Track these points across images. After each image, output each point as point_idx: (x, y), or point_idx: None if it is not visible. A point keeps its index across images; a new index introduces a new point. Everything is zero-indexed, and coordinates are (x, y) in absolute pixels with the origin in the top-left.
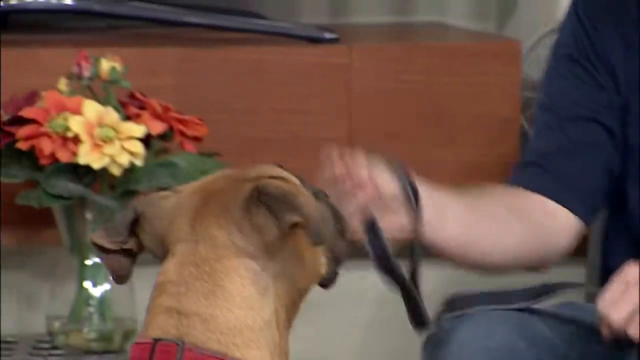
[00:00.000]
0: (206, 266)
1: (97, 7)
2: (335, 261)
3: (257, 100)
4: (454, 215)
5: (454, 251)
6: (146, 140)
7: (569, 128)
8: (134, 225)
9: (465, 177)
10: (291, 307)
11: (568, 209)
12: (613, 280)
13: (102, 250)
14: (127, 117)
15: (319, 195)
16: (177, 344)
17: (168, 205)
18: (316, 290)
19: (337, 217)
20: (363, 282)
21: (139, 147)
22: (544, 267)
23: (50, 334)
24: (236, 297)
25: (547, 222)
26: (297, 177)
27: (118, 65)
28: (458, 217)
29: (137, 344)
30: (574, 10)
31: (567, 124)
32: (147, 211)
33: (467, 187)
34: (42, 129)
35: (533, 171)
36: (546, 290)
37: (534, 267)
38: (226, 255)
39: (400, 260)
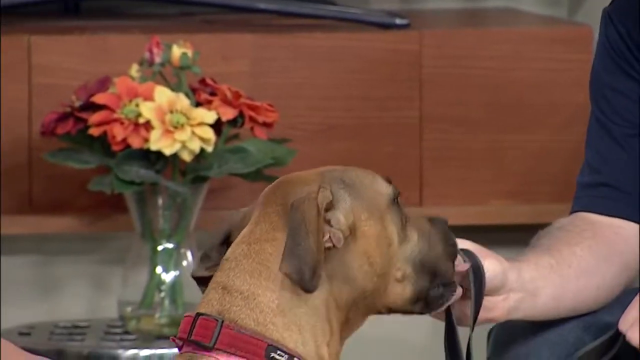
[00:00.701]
0: (257, 245)
1: None
2: (436, 282)
3: (328, 86)
4: (546, 294)
5: (544, 318)
6: (217, 126)
7: (634, 145)
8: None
9: (535, 162)
10: (351, 306)
11: None
12: (635, 299)
13: (200, 282)
14: (198, 103)
15: (436, 222)
16: (217, 320)
17: (250, 207)
18: None
19: (447, 241)
20: None
21: (209, 133)
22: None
23: (122, 318)
24: (280, 278)
25: (629, 248)
26: (395, 191)
27: (189, 52)
28: (550, 294)
29: (185, 317)
30: (609, 20)
31: (632, 141)
32: (233, 219)
33: (550, 236)
34: (114, 115)
35: (604, 193)
36: None
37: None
38: (280, 238)
39: None
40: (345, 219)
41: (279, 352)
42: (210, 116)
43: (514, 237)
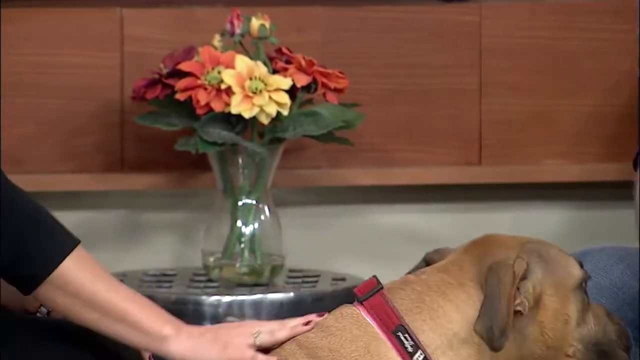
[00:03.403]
0: (445, 275)
1: None
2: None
3: (393, 55)
4: None
5: None
6: (292, 92)
7: None
8: None
9: (585, 125)
10: None
11: None
12: None
13: None
14: (275, 71)
15: (612, 316)
16: (378, 284)
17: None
18: (446, 231)
19: (621, 333)
20: (490, 222)
21: (285, 98)
22: None
23: (206, 268)
24: (451, 313)
25: None
26: (585, 276)
27: (267, 23)
28: None
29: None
30: None
31: None
32: (433, 255)
33: None
34: (199, 82)
35: None
36: None
37: None
38: (465, 283)
39: None
40: (533, 290)
41: (406, 335)
42: (286, 82)
43: (565, 194)
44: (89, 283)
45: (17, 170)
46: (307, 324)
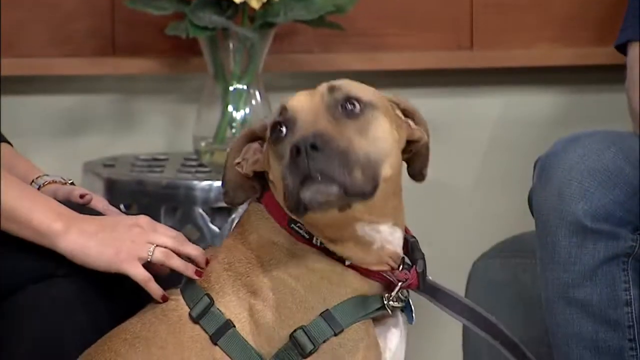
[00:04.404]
0: None
1: None
2: None
3: None
4: None
5: None
6: None
7: None
8: None
9: (578, 9)
10: None
11: None
12: None
13: None
14: None
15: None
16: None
17: None
18: (437, 115)
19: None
20: (481, 106)
21: None
22: None
23: (197, 152)
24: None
25: None
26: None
27: None
28: None
29: None
30: None
31: None
32: None
33: None
34: None
35: None
36: None
37: None
38: None
39: None
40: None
41: (298, 224)
42: None
43: (557, 78)
44: None
45: (9, 54)
46: (198, 274)
